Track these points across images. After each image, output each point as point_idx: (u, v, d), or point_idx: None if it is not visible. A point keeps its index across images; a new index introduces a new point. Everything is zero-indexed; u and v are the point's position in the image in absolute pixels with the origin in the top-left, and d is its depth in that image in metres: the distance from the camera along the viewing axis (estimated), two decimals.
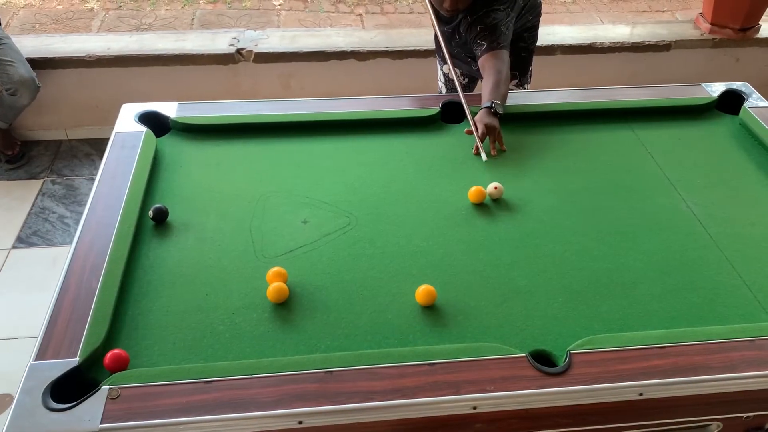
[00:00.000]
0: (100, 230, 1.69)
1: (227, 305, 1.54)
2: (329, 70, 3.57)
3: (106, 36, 3.69)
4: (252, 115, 2.17)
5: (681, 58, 3.78)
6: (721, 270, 1.67)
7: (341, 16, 4.67)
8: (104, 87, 3.49)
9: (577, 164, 2.04)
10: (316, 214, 1.82)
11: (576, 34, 3.74)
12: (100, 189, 1.83)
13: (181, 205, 1.82)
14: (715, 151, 2.11)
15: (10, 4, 4.49)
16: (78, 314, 1.46)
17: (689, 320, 1.54)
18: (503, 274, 1.65)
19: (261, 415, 1.28)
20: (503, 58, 2.20)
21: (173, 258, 1.66)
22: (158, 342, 1.45)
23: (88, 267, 1.58)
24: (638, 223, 1.82)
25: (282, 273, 1.58)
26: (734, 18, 3.69)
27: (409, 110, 2.22)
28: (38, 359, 1.36)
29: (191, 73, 3.50)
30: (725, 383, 1.38)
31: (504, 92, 2.15)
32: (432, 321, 1.52)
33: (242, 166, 1.99)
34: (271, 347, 1.45)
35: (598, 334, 1.48)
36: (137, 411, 1.27)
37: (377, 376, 1.36)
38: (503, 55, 2.21)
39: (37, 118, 3.57)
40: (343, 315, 1.53)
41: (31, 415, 1.25)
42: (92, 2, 4.59)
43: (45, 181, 3.36)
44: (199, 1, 4.70)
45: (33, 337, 1.43)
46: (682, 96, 2.32)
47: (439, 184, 1.94)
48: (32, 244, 2.98)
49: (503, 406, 1.34)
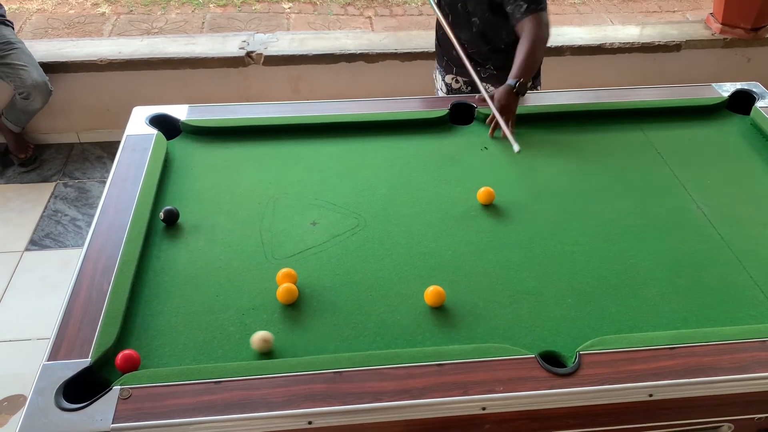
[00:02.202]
0: (111, 232, 1.70)
1: (237, 306, 1.55)
2: (338, 73, 3.58)
3: (118, 40, 3.72)
4: (261, 118, 2.18)
5: (691, 59, 3.76)
6: (731, 270, 1.66)
7: (350, 18, 4.69)
8: (115, 90, 3.52)
9: (586, 165, 2.03)
10: (325, 216, 1.82)
11: (586, 35, 3.74)
12: (112, 191, 1.84)
13: (192, 207, 1.83)
14: (726, 152, 2.10)
15: (23, 9, 4.54)
16: (90, 315, 1.47)
17: (700, 321, 1.53)
18: (512, 275, 1.65)
19: (270, 415, 1.29)
20: (543, 21, 2.13)
21: (184, 259, 1.68)
22: (169, 343, 1.46)
23: (100, 269, 1.60)
24: (648, 224, 1.81)
25: (291, 274, 1.59)
26: (745, 18, 3.67)
27: (418, 112, 2.23)
28: (51, 360, 1.37)
29: (201, 76, 3.53)
30: (736, 384, 1.38)
31: (534, 64, 2.14)
32: (441, 322, 1.52)
33: (252, 168, 2.01)
34: (280, 348, 1.45)
35: (607, 334, 1.47)
36: (148, 411, 1.28)
37: (386, 376, 1.36)
38: (543, 17, 2.14)
39: (50, 122, 3.60)
40: (352, 316, 1.53)
41: (44, 415, 1.26)
42: (104, 7, 4.63)
43: (57, 184, 3.39)
44: (210, 5, 4.73)
45: (45, 338, 1.44)
46: (692, 96, 2.31)
47: (447, 185, 1.94)
48: (45, 246, 3.01)
49: (512, 407, 1.34)
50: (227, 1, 4.78)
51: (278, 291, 1.55)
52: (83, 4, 4.66)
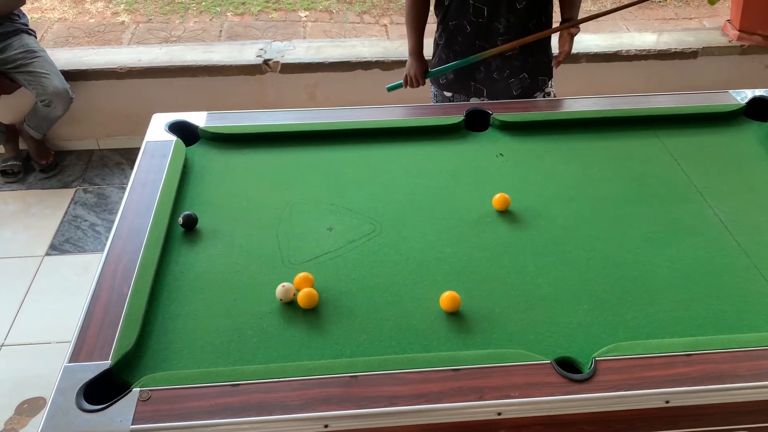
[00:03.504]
0: (131, 237, 1.73)
1: (255, 310, 1.57)
2: (354, 80, 3.60)
3: (137, 48, 3.78)
4: (279, 125, 2.20)
5: (708, 66, 3.74)
6: (749, 278, 1.65)
7: (366, 26, 4.72)
8: (135, 98, 3.57)
9: (602, 172, 2.03)
10: (341, 221, 1.84)
11: (601, 42, 3.73)
12: (132, 197, 1.87)
13: (210, 213, 1.86)
14: (743, 159, 2.09)
15: (45, 19, 4.62)
16: (110, 318, 1.49)
17: (716, 328, 1.52)
18: (528, 280, 1.65)
19: (287, 418, 1.30)
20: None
21: (202, 264, 1.70)
22: (187, 346, 1.48)
23: (120, 273, 1.62)
24: (664, 230, 1.80)
25: (309, 278, 1.61)
26: (763, 24, 3.65)
27: (434, 118, 2.24)
28: (72, 361, 1.39)
29: (219, 84, 3.57)
30: (754, 392, 1.37)
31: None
32: (456, 327, 1.53)
33: (269, 174, 2.03)
34: (297, 351, 1.47)
35: (623, 341, 1.47)
36: (166, 413, 1.30)
37: (402, 381, 1.37)
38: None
39: (70, 129, 3.66)
40: (368, 320, 1.54)
41: (65, 415, 1.28)
42: (123, 16, 4.69)
43: (77, 190, 3.44)
44: (227, 14, 4.78)
45: (65, 341, 1.46)
46: (709, 103, 2.30)
47: (463, 191, 1.95)
48: (65, 251, 3.05)
49: (528, 413, 1.34)
50: (244, 10, 4.83)
51: (300, 295, 1.56)
52: (103, 13, 4.73)
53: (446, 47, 2.43)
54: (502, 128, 2.20)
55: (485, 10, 2.30)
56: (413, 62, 2.50)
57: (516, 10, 2.29)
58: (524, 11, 2.30)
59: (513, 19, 2.31)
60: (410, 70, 2.52)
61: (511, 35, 2.33)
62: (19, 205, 3.32)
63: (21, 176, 3.50)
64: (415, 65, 2.50)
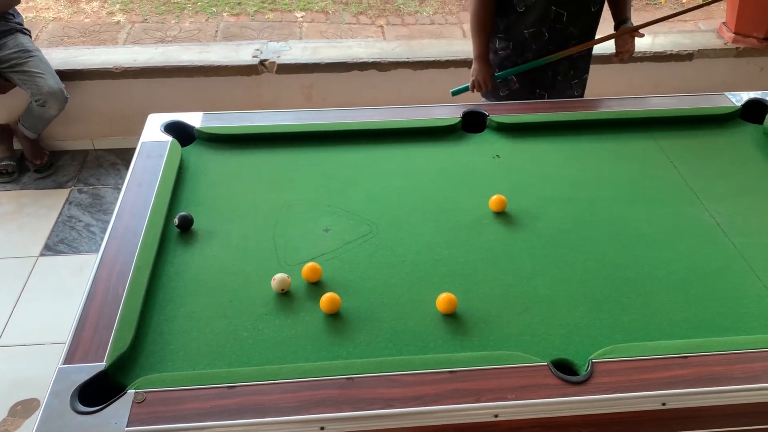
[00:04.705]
0: (126, 238, 1.72)
1: (250, 312, 1.56)
2: (350, 81, 3.60)
3: (132, 48, 3.77)
4: (275, 125, 2.19)
5: (704, 68, 3.75)
6: (745, 280, 1.66)
7: (362, 27, 4.72)
8: (130, 98, 3.56)
9: (599, 173, 2.03)
10: (337, 223, 1.83)
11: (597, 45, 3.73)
12: (127, 197, 1.86)
13: (206, 214, 1.85)
14: (739, 161, 2.10)
15: (40, 18, 4.60)
16: (105, 320, 1.49)
17: (712, 330, 1.52)
18: (524, 282, 1.65)
19: (283, 420, 1.30)
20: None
21: (198, 265, 1.69)
22: (183, 347, 1.47)
23: (115, 274, 1.61)
24: (660, 233, 1.81)
25: (317, 269, 1.62)
26: (758, 27, 3.66)
27: (430, 120, 2.24)
28: (66, 363, 1.38)
29: (215, 84, 3.56)
30: (749, 394, 1.37)
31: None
32: (453, 329, 1.53)
33: (265, 175, 2.02)
34: (293, 353, 1.46)
35: (620, 343, 1.47)
36: (162, 415, 1.29)
37: (398, 383, 1.36)
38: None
39: (65, 129, 3.64)
40: (364, 322, 1.54)
41: (59, 418, 1.27)
42: (119, 15, 4.68)
43: (72, 190, 3.43)
44: (223, 14, 4.78)
45: (60, 343, 1.46)
46: (705, 105, 2.30)
47: (459, 192, 1.95)
48: (59, 251, 3.04)
49: (525, 415, 1.34)
50: (240, 10, 4.82)
51: (323, 299, 1.55)
52: (98, 13, 4.72)
53: (516, 56, 2.46)
54: (499, 130, 2.20)
55: (565, 15, 2.34)
56: (480, 66, 2.50)
57: (590, 13, 2.38)
58: (596, 14, 2.41)
59: (586, 22, 2.39)
60: (477, 74, 2.52)
61: (583, 38, 2.43)
62: (13, 206, 3.31)
63: (15, 176, 3.48)
64: (482, 69, 2.50)
